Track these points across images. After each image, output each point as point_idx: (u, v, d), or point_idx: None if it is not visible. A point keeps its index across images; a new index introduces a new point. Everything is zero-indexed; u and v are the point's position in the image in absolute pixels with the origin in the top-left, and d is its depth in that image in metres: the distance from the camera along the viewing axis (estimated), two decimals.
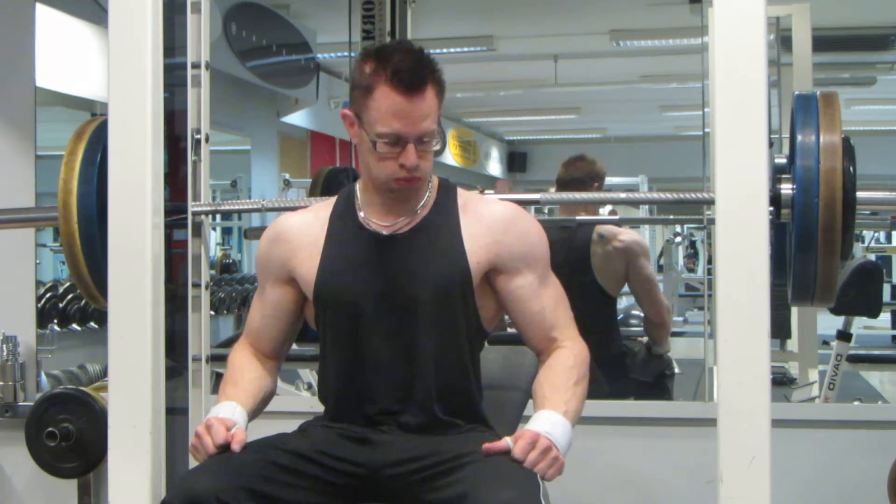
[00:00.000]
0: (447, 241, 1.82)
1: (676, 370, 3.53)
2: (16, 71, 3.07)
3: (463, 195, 1.88)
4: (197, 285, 2.14)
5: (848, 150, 1.85)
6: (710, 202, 1.81)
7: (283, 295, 1.90)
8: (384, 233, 1.83)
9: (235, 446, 1.71)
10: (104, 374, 3.55)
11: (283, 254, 1.87)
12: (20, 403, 2.95)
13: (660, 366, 3.52)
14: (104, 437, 1.96)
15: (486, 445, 1.68)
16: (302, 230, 1.88)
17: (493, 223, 1.84)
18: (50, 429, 2.66)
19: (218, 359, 2.35)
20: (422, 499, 1.71)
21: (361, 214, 1.85)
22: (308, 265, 1.85)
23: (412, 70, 1.70)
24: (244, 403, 1.83)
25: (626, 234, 3.46)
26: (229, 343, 4.58)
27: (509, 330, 2.17)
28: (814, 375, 4.22)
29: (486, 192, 1.98)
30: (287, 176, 7.28)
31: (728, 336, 1.73)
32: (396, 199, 1.83)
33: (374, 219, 1.84)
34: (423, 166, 1.76)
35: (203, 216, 2.15)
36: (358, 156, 1.84)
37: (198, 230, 2.15)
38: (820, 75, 6.80)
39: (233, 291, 6.20)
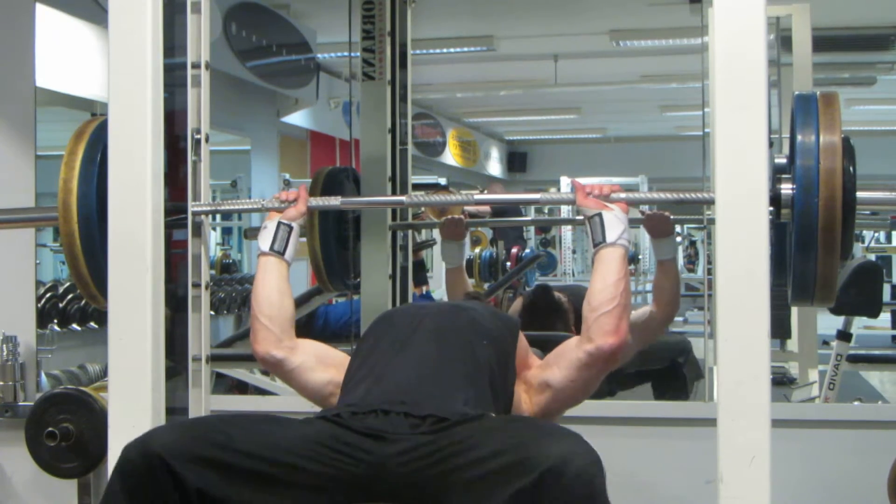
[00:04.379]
0: None
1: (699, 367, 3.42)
2: (16, 71, 3.07)
3: None
4: (197, 285, 2.13)
5: (848, 150, 1.85)
6: (710, 202, 1.81)
7: None
8: None
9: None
10: (104, 374, 3.54)
11: None
12: (20, 403, 2.96)
13: (671, 351, 3.47)
14: (104, 437, 1.96)
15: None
16: None
17: None
18: (50, 429, 2.66)
19: (218, 359, 2.35)
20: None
21: None
22: None
23: None
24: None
25: None
26: (229, 343, 4.60)
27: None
28: (814, 375, 4.22)
29: (484, 192, 1.98)
30: (287, 176, 7.29)
31: (728, 336, 1.73)
32: None
33: None
34: None
35: (203, 216, 2.14)
36: None
37: (198, 230, 2.14)
38: (820, 75, 6.82)
39: (233, 291, 6.19)
